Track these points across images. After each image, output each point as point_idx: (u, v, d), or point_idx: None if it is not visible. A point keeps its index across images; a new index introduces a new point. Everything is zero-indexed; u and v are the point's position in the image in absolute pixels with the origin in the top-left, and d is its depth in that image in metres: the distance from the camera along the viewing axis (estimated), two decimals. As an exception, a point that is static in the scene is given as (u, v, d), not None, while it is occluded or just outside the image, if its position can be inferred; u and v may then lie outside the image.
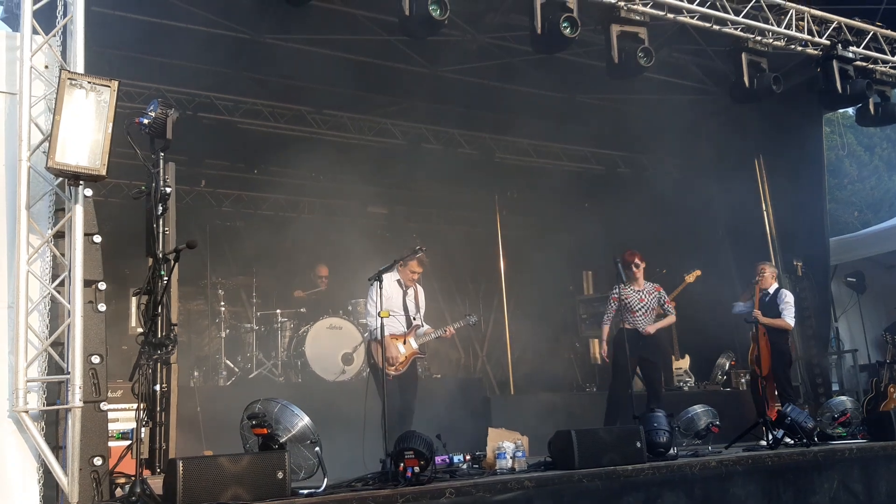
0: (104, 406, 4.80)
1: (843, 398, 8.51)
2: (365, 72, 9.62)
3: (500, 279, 12.32)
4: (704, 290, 9.86)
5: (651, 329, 8.44)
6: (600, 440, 6.14)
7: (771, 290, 8.73)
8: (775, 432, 7.42)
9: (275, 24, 8.59)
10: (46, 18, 5.07)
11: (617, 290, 8.57)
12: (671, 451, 6.70)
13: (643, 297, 8.55)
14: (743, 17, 8.31)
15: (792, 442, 7.43)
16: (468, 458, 6.45)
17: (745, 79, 8.42)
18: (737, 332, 10.86)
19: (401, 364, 7.37)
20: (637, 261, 8.62)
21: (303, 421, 5.46)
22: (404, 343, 7.46)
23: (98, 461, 4.68)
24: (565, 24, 7.26)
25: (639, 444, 6.27)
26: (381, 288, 6.98)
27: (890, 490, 7.01)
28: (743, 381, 10.71)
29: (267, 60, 9.26)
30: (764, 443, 7.51)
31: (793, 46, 8.78)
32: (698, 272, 9.76)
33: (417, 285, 7.76)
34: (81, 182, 4.82)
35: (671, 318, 8.69)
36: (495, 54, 9.50)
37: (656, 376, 8.63)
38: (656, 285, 8.73)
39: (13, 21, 6.40)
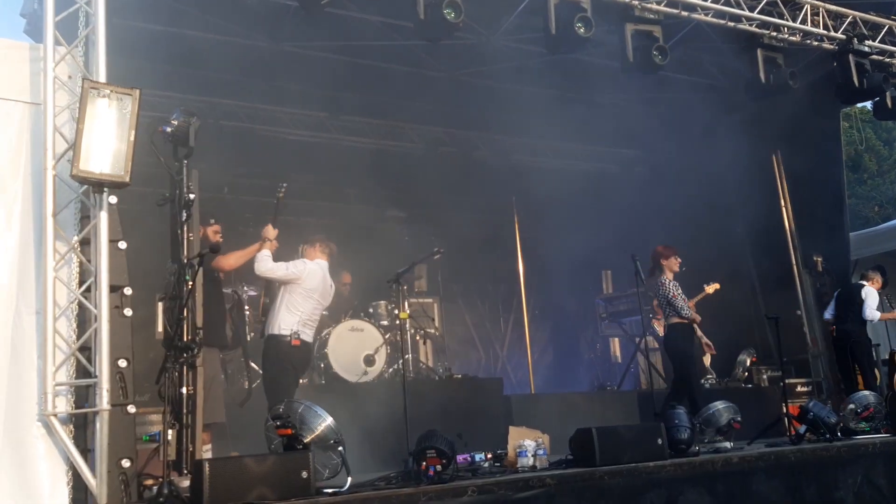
0: (131, 409, 4.89)
1: (866, 393, 8.45)
2: (381, 77, 9.70)
3: (519, 280, 12.34)
4: (724, 286, 9.85)
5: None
6: (621, 438, 6.16)
7: None
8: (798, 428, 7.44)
9: (293, 32, 8.68)
10: (69, 30, 5.17)
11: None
12: (693, 448, 6.70)
13: (678, 286, 8.60)
14: (758, 13, 8.32)
15: (815, 437, 7.42)
16: (490, 456, 6.49)
17: (761, 75, 8.43)
18: (757, 329, 10.85)
19: None
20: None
21: (326, 421, 5.53)
22: None
23: (126, 463, 4.76)
24: (579, 24, 7.31)
25: (660, 441, 6.28)
26: (400, 289, 7.03)
27: (914, 484, 6.98)
28: (765, 377, 10.68)
29: (286, 68, 9.34)
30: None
31: (808, 41, 8.78)
32: (717, 285, 9.75)
33: None
34: (106, 189, 4.91)
35: None
36: (510, 56, 9.54)
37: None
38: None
39: (36, 34, 6.51)
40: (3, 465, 4.65)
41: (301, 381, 9.42)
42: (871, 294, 9.70)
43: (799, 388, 10.32)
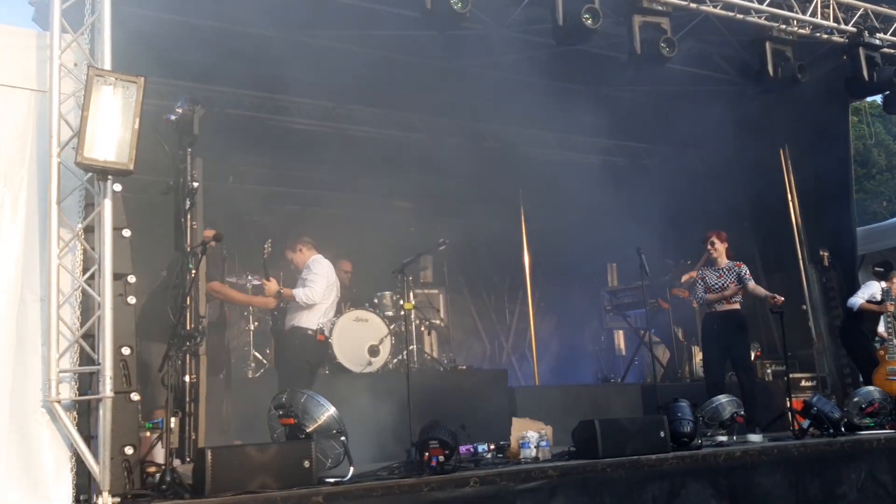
0: (134, 396, 4.91)
1: (871, 388, 8.43)
2: (388, 67, 9.66)
3: (525, 272, 12.34)
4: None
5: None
6: (624, 430, 6.16)
7: None
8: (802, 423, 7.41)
9: (299, 21, 8.66)
10: (75, 17, 5.16)
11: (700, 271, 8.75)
12: (695, 441, 6.69)
13: (721, 274, 8.63)
14: (767, 5, 8.27)
15: (819, 432, 7.41)
16: (492, 447, 6.50)
17: (770, 68, 8.37)
18: (762, 323, 10.82)
19: None
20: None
21: (329, 411, 5.55)
22: None
23: (129, 450, 4.77)
24: (587, 16, 7.29)
25: (662, 434, 6.28)
26: (406, 279, 7.04)
27: (919, 481, 6.96)
28: (769, 371, 10.66)
29: (293, 57, 9.32)
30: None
31: (818, 34, 8.72)
32: None
33: None
34: (110, 177, 4.91)
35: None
36: (517, 47, 9.50)
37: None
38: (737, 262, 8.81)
39: (44, 21, 6.51)
40: (9, 451, 4.67)
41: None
42: (869, 286, 9.62)
43: (803, 383, 10.29)
